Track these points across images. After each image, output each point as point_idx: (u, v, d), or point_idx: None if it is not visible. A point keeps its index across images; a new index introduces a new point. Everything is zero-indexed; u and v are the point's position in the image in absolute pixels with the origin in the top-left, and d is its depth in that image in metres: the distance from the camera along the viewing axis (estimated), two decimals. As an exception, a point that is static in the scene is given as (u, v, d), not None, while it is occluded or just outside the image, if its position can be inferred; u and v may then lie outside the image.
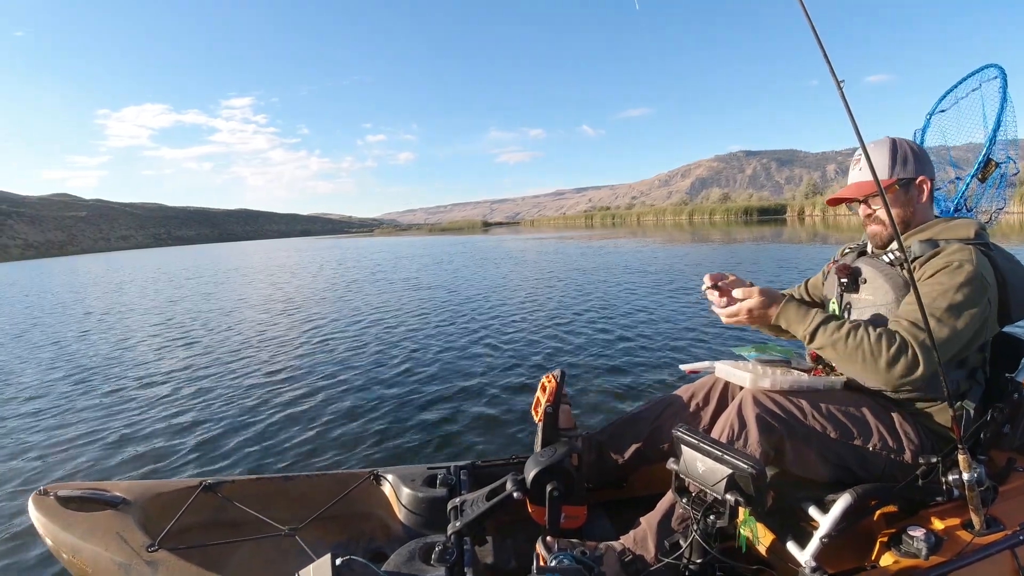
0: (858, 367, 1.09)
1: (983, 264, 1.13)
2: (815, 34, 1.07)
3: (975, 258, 1.12)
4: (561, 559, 1.09)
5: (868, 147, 1.28)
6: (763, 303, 1.24)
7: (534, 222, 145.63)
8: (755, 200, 74.66)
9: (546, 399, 1.40)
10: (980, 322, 1.11)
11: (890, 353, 1.05)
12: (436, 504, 1.42)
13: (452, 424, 3.09)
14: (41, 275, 25.01)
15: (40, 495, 1.24)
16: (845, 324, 1.13)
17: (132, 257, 48.59)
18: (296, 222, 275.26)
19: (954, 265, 1.12)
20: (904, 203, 1.27)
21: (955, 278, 1.10)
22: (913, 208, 1.28)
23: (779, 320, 1.21)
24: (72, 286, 17.23)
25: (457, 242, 35.32)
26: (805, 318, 1.18)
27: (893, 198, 1.26)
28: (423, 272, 14.11)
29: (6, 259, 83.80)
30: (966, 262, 1.11)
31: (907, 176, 1.26)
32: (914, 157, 1.27)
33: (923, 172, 1.27)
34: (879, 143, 1.29)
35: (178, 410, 3.63)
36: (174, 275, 19.14)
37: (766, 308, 1.23)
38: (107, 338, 6.77)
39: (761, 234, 24.80)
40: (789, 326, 1.20)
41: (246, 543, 1.36)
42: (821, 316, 1.16)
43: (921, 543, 1.07)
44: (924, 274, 1.16)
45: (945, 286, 1.10)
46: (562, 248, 21.89)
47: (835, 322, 1.14)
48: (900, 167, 1.26)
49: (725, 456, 1.03)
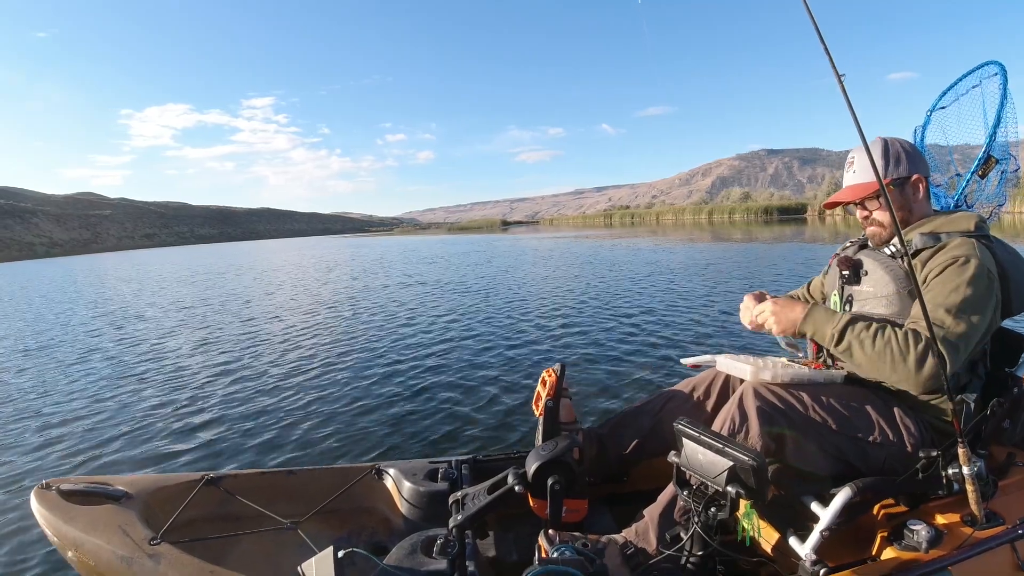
0: (886, 368, 1.09)
1: (986, 257, 1.14)
2: (816, 29, 1.08)
3: (979, 251, 1.13)
4: (563, 551, 1.09)
5: (860, 150, 1.29)
6: (788, 304, 1.23)
7: (553, 221, 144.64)
8: (776, 199, 74.19)
9: (546, 393, 1.40)
10: (992, 314, 1.13)
11: (917, 352, 1.05)
12: (437, 498, 1.43)
13: (454, 418, 3.10)
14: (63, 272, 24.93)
15: (42, 489, 1.24)
16: (872, 324, 1.12)
17: (156, 255, 48.58)
18: (317, 221, 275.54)
19: (961, 261, 1.12)
20: (900, 202, 1.28)
21: (964, 273, 1.11)
22: (910, 207, 1.29)
23: (806, 322, 1.20)
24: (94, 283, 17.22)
25: (471, 241, 35.28)
26: (832, 318, 1.17)
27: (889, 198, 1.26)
28: (429, 269, 14.13)
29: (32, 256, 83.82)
30: (972, 256, 1.12)
31: (901, 175, 1.27)
32: (906, 156, 1.28)
33: (917, 170, 1.28)
34: (871, 144, 1.29)
35: (180, 404, 3.64)
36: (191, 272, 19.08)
37: (791, 309, 1.23)
38: (114, 334, 6.76)
39: (781, 233, 24.71)
40: (816, 327, 1.19)
41: (248, 536, 1.36)
42: (848, 316, 1.15)
43: (921, 537, 1.07)
44: (930, 270, 1.16)
45: (956, 282, 1.11)
46: (575, 247, 21.89)
47: (862, 322, 1.13)
48: (893, 167, 1.26)
49: (726, 448, 1.03)
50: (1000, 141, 1.44)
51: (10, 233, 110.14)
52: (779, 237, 22.03)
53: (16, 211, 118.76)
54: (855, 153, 1.31)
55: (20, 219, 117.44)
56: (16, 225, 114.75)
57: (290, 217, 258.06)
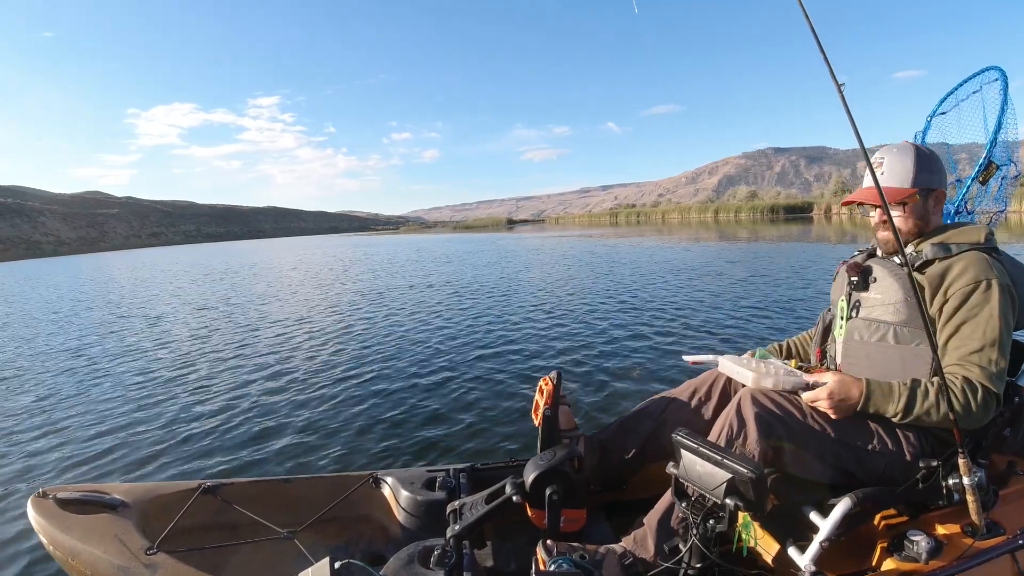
0: (952, 426, 1.07)
1: (1000, 272, 1.14)
2: (815, 36, 1.07)
3: (994, 268, 1.14)
4: (560, 563, 1.09)
5: (891, 151, 1.27)
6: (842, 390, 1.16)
7: (558, 219, 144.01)
8: (782, 198, 73.73)
9: (544, 402, 1.40)
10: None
11: (977, 402, 1.07)
12: (435, 507, 1.42)
13: (451, 426, 3.08)
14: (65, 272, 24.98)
15: (39, 497, 1.24)
16: (928, 392, 1.11)
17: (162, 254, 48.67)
18: (324, 219, 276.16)
19: (983, 286, 1.12)
20: (922, 213, 1.25)
21: (991, 299, 1.11)
22: (928, 218, 1.26)
23: (866, 406, 1.15)
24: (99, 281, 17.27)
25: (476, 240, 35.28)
26: (891, 396, 1.13)
27: (913, 207, 1.24)
28: (429, 270, 14.11)
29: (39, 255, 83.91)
30: (991, 277, 1.12)
31: (930, 186, 1.24)
32: (937, 166, 1.25)
33: (942, 184, 1.26)
34: (903, 148, 1.26)
35: (178, 412, 3.63)
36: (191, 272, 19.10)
37: (847, 396, 1.16)
38: (112, 337, 6.77)
39: (787, 232, 24.58)
40: (876, 407, 1.15)
41: (245, 546, 1.36)
42: (906, 392, 1.13)
43: (922, 547, 1.07)
44: (952, 291, 1.14)
45: (988, 312, 1.11)
46: (578, 246, 21.86)
47: (919, 390, 1.12)
48: (926, 176, 1.23)
49: (725, 460, 1.03)
50: (1001, 147, 1.43)
51: (17, 232, 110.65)
52: (785, 236, 21.97)
53: (23, 210, 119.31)
54: (885, 153, 1.27)
55: (27, 218, 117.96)
56: (23, 224, 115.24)
57: (296, 216, 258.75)
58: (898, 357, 1.19)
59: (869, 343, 1.24)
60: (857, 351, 1.27)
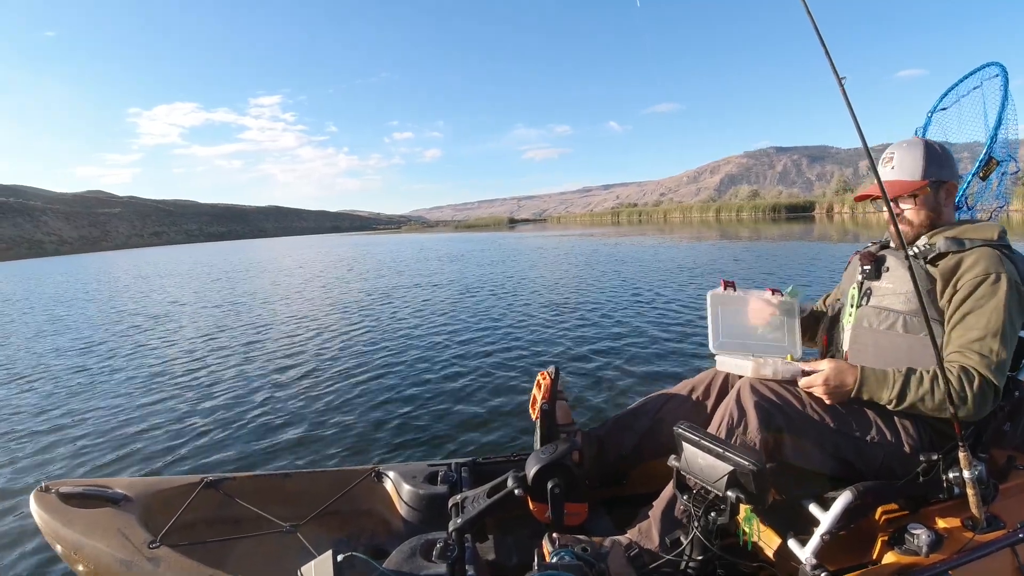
0: (947, 414, 1.08)
1: (1010, 269, 1.14)
2: (817, 32, 1.07)
3: (1005, 264, 1.14)
4: (562, 556, 1.09)
5: (900, 146, 1.28)
6: (838, 375, 1.18)
7: (560, 219, 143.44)
8: (784, 197, 73.63)
9: (542, 396, 1.40)
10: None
11: (973, 391, 1.07)
12: (437, 501, 1.43)
13: (453, 421, 3.09)
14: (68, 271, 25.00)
15: (41, 492, 1.24)
16: (923, 378, 1.11)
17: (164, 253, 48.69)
18: (325, 219, 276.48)
19: (992, 279, 1.12)
20: (933, 205, 1.27)
21: (999, 292, 1.11)
22: (940, 211, 1.27)
23: (860, 391, 1.16)
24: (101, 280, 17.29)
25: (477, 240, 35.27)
26: (885, 381, 1.14)
27: (923, 199, 1.25)
28: (433, 269, 14.13)
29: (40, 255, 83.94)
30: (1000, 271, 1.12)
31: (940, 178, 1.25)
32: (947, 160, 1.27)
33: (952, 176, 1.27)
34: (912, 143, 1.28)
35: (180, 407, 3.64)
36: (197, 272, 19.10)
37: (842, 382, 1.18)
38: (115, 333, 6.78)
39: (789, 231, 24.55)
40: (871, 393, 1.16)
41: (247, 540, 1.36)
42: (901, 377, 1.13)
43: (922, 541, 1.07)
44: (961, 283, 1.15)
45: (995, 304, 1.11)
46: (580, 245, 21.86)
47: (913, 378, 1.12)
48: (936, 168, 1.25)
49: (726, 453, 1.03)
50: (1001, 143, 1.43)
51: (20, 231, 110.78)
52: (787, 235, 21.95)
53: (26, 209, 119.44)
54: (895, 149, 1.29)
55: (30, 217, 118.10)
56: (26, 223, 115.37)
57: (298, 215, 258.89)
58: (906, 346, 1.20)
59: (878, 331, 1.25)
60: (865, 338, 1.28)
